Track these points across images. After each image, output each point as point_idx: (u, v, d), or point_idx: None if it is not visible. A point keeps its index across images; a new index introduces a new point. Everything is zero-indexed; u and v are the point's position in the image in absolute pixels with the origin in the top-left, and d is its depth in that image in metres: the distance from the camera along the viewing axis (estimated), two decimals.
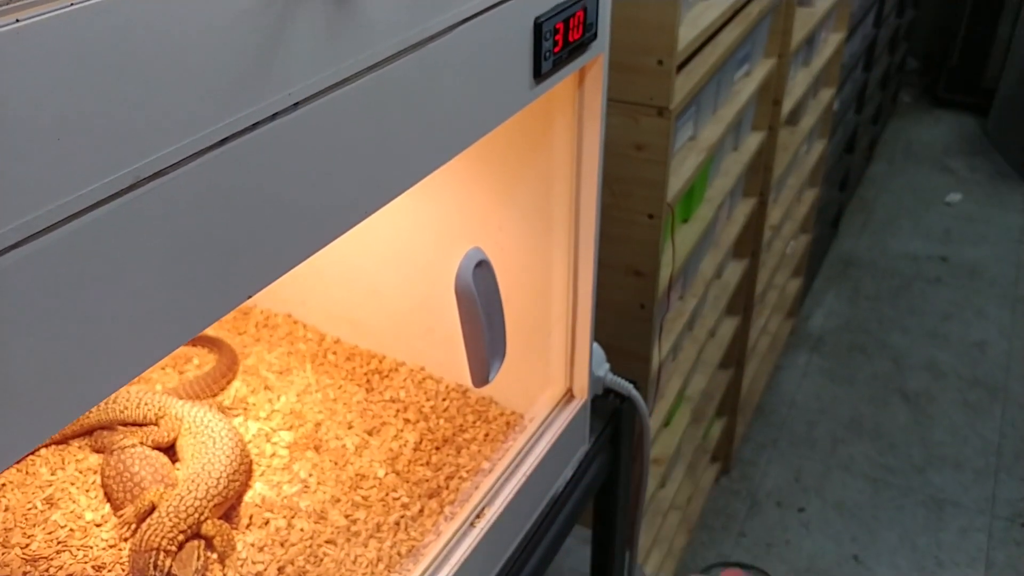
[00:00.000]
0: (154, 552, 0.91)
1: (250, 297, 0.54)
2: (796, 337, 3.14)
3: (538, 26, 0.73)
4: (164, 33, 0.43)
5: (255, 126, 0.49)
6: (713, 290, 2.13)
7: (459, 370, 1.21)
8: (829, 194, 3.19)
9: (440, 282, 1.06)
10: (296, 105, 0.51)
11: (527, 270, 1.05)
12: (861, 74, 3.27)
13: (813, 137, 2.75)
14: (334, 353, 1.27)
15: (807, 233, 2.92)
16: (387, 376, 1.24)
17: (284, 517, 1.02)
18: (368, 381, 1.23)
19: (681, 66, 1.51)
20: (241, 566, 0.96)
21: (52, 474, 1.06)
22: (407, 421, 1.17)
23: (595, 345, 1.13)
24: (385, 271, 1.17)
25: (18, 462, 0.90)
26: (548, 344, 1.12)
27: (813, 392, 2.92)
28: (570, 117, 0.91)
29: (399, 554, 0.99)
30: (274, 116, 0.50)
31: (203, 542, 0.96)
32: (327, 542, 1.00)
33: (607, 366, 1.20)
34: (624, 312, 1.65)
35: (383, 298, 1.20)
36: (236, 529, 1.01)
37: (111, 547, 0.97)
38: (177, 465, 1.07)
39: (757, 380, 2.82)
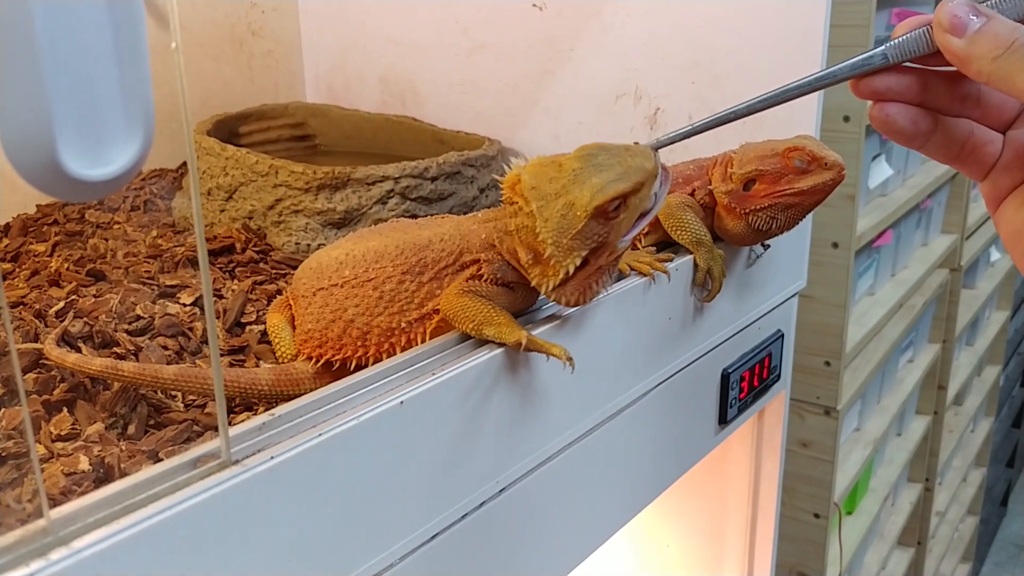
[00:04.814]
0: None
1: None
2: None
3: (725, 377, 0.73)
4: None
5: (464, 516, 0.50)
6: None
7: None
8: (996, 471, 3.01)
9: None
10: (502, 490, 0.52)
11: None
12: None
13: (979, 416, 2.63)
14: None
15: (974, 515, 2.74)
16: None
17: None
18: None
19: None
20: None
21: None
22: None
23: None
24: None
25: None
26: None
27: None
28: (748, 445, 0.90)
29: None
30: (481, 504, 0.51)
31: None
32: None
33: None
34: None
35: None
36: None
37: None
38: None
39: None
